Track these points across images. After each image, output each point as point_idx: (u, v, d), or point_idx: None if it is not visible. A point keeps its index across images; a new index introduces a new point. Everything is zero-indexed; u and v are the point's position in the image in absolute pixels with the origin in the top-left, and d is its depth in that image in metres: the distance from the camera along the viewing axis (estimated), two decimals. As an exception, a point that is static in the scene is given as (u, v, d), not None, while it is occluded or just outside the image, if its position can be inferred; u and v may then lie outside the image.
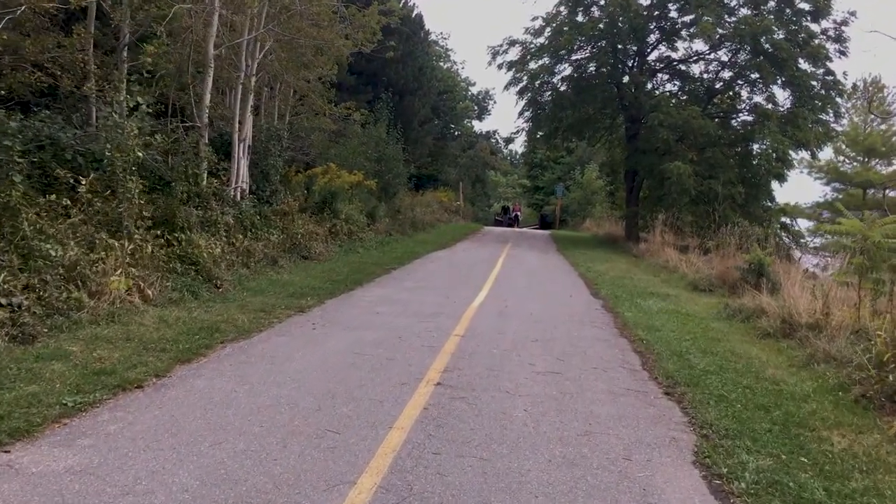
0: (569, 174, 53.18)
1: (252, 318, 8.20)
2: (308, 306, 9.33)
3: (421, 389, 5.67)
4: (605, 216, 39.18)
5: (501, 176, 74.62)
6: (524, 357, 7.16)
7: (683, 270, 16.95)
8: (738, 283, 14.45)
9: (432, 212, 33.96)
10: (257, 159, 17.54)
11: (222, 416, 4.73)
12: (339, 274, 12.73)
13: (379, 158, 25.27)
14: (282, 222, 14.61)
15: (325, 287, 11.05)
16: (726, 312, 10.94)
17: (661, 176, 24.76)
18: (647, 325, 9.46)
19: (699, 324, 9.93)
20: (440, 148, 48.76)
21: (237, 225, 12.69)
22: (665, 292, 13.56)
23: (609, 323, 9.74)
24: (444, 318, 9.11)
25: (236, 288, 10.21)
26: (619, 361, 7.29)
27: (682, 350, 7.83)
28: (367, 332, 7.88)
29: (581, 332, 8.89)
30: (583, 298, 12.25)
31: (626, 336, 8.78)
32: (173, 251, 10.13)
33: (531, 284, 13.86)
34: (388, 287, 11.92)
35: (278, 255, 13.18)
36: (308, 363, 6.31)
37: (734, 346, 8.39)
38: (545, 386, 6.07)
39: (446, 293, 11.50)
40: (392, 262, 15.66)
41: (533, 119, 31.40)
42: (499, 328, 8.71)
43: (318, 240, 15.94)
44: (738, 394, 6.06)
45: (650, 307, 11.19)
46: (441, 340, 7.69)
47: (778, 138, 24.35)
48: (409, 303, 10.28)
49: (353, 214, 19.83)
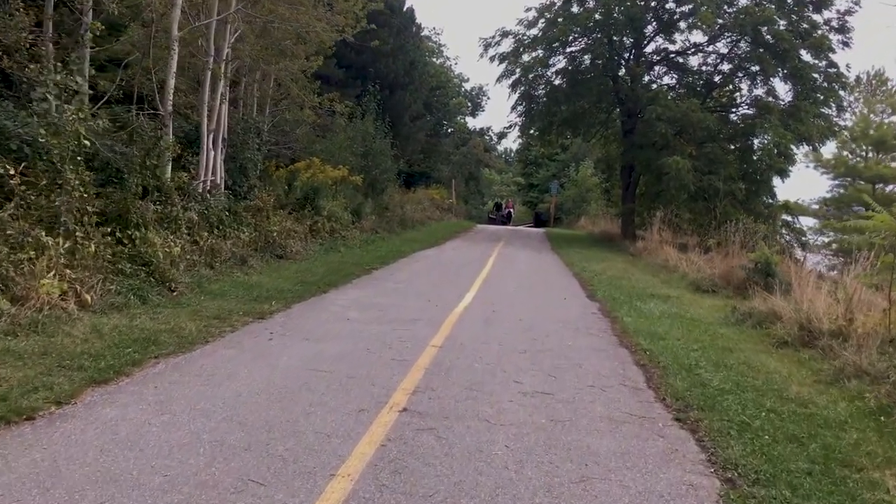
0: (563, 171, 52.23)
1: (202, 326, 7.19)
2: (270, 312, 8.32)
3: (382, 418, 4.68)
4: (601, 214, 38.26)
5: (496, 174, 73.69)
6: (510, 373, 6.17)
7: (684, 270, 15.99)
8: (744, 284, 13.52)
9: (423, 209, 32.97)
10: (234, 153, 16.60)
11: (120, 461, 3.72)
12: (313, 275, 11.72)
13: (366, 153, 24.23)
14: (254, 219, 13.58)
15: (295, 290, 10.04)
16: (735, 317, 9.97)
17: (658, 171, 23.83)
18: (649, 332, 8.48)
19: (706, 330, 8.95)
20: (433, 145, 47.79)
21: (202, 222, 11.67)
22: (666, 294, 12.59)
23: (607, 330, 8.76)
24: (422, 326, 8.12)
25: (194, 291, 9.19)
26: (619, 377, 6.30)
27: (690, 363, 6.85)
28: (332, 344, 6.88)
29: (576, 340, 7.90)
30: (578, 301, 11.26)
31: (627, 345, 7.79)
32: (124, 250, 9.12)
33: (522, 286, 12.87)
34: (366, 289, 10.91)
35: (248, 254, 12.15)
36: (251, 384, 5.30)
37: (749, 357, 7.41)
38: (533, 411, 5.08)
39: (429, 296, 10.50)
40: (374, 261, 14.66)
41: (526, 113, 30.44)
42: (483, 337, 7.72)
43: (295, 238, 14.92)
44: (763, 420, 5.08)
45: (651, 311, 10.22)
46: (415, 353, 6.69)
47: (779, 132, 23.43)
48: (387, 307, 9.29)
49: (336, 211, 18.83)
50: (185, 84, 14.88)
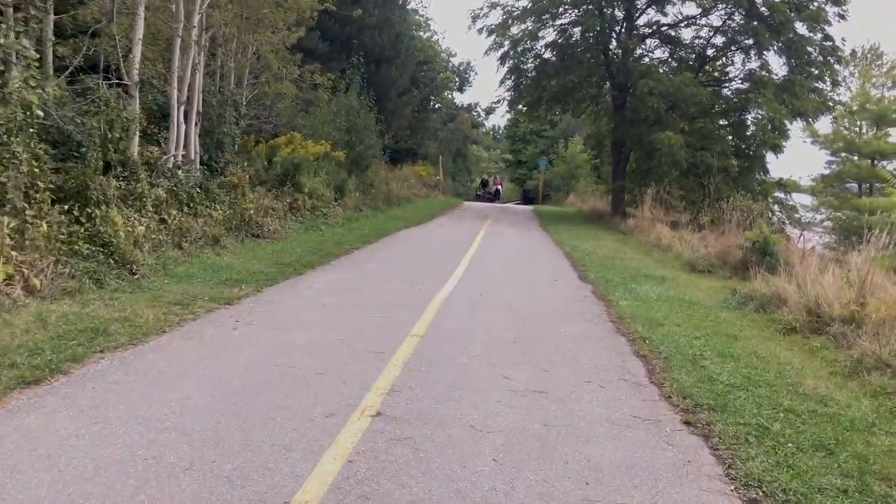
0: (552, 148, 51.49)
1: (161, 313, 6.54)
2: (239, 297, 7.68)
3: (352, 425, 4.07)
4: (590, 191, 37.65)
5: (484, 150, 72.88)
6: (498, 367, 5.58)
7: (678, 249, 15.45)
8: (742, 264, 13.00)
9: (409, 186, 32.26)
10: (210, 127, 15.85)
11: (32, 487, 3.10)
12: (290, 255, 11.06)
13: (349, 128, 23.43)
14: (229, 196, 12.87)
15: (269, 272, 9.39)
16: (735, 300, 9.42)
17: (650, 147, 23.23)
18: (646, 317, 7.91)
19: (707, 315, 8.40)
20: (420, 121, 46.88)
21: (171, 199, 10.95)
22: (661, 275, 12.03)
23: (602, 315, 8.18)
24: (403, 312, 7.50)
25: (158, 274, 8.53)
26: (618, 370, 5.73)
27: (694, 353, 6.28)
28: (302, 333, 6.25)
29: (569, 327, 7.32)
30: (569, 283, 10.68)
31: (624, 333, 7.22)
32: (81, 230, 8.43)
33: (511, 267, 12.27)
34: (345, 271, 10.28)
35: (221, 233, 11.46)
36: (205, 384, 4.67)
37: (756, 345, 6.85)
38: (524, 414, 4.49)
39: (412, 278, 9.89)
40: (356, 240, 14.01)
41: (515, 88, 29.70)
42: (469, 325, 7.12)
43: (273, 216, 14.24)
44: (782, 423, 4.51)
45: (647, 294, 9.65)
46: (394, 343, 6.09)
47: (774, 107, 22.89)
48: (366, 291, 8.66)
49: (318, 188, 18.11)
50: (156, 53, 14.08)
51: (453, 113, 54.24)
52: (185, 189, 11.47)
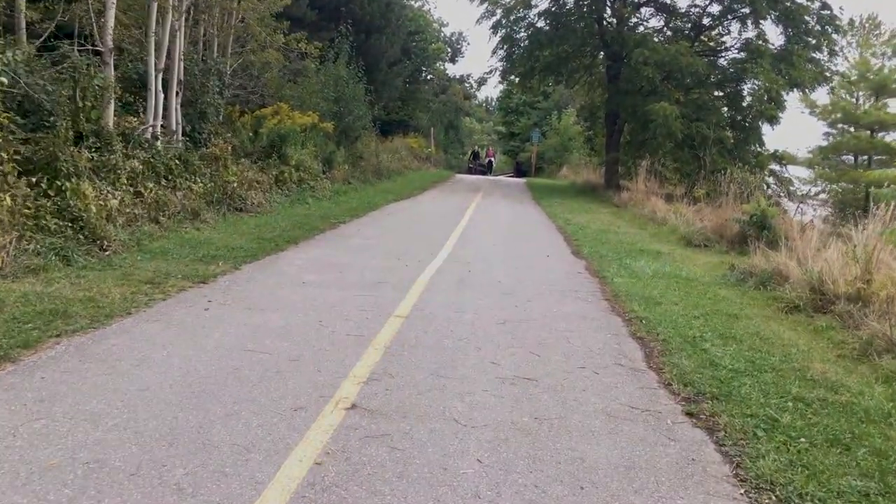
0: (545, 119, 50.82)
1: (129, 293, 6.14)
2: (215, 274, 7.28)
3: (323, 420, 3.71)
4: (583, 163, 37.19)
5: (476, 122, 72.19)
6: (486, 351, 5.22)
7: (673, 223, 15.09)
8: (739, 238, 12.67)
9: (400, 159, 31.77)
10: (193, 97, 15.36)
11: (-48, 499, 2.74)
12: (273, 230, 10.65)
13: (337, 99, 22.86)
14: (210, 168, 12.40)
15: (250, 247, 8.99)
16: (734, 276, 9.08)
17: (644, 118, 22.78)
18: (642, 295, 7.56)
19: (706, 292, 8.05)
20: (411, 92, 46.22)
21: (148, 171, 10.49)
22: (656, 249, 11.69)
23: (596, 292, 7.82)
24: (388, 290, 7.13)
25: (131, 249, 8.11)
26: (614, 354, 5.37)
27: (694, 334, 5.94)
28: (278, 315, 5.87)
29: (562, 307, 6.95)
30: (562, 259, 10.31)
31: (619, 312, 6.87)
32: (49, 204, 7.99)
33: (502, 242, 11.89)
34: (329, 247, 9.87)
35: (201, 207, 11.03)
36: (166, 372, 4.29)
37: (758, 325, 6.51)
38: (513, 405, 4.13)
39: (399, 254, 9.50)
40: (343, 214, 13.59)
41: (507, 58, 29.05)
42: (457, 304, 6.74)
43: (258, 189, 13.80)
44: (792, 413, 4.17)
45: (643, 270, 9.30)
46: (376, 325, 5.72)
47: (770, 77, 22.41)
48: (350, 268, 8.27)
49: (305, 160, 17.63)
50: (133, 19, 13.51)
51: (445, 84, 53.50)
52: (163, 161, 11.01)
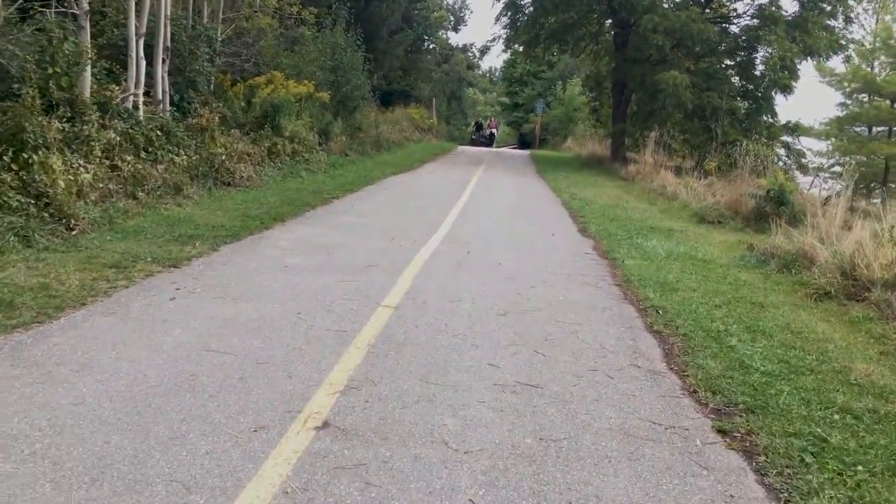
0: (550, 90, 49.80)
1: (90, 279, 5.52)
2: (189, 257, 6.65)
3: (286, 444, 3.09)
4: (589, 135, 36.33)
5: (480, 93, 71.14)
6: (484, 350, 4.59)
7: (684, 197, 14.41)
8: (755, 215, 12.02)
9: (401, 130, 30.97)
10: (181, 65, 14.65)
11: None
12: (261, 206, 10.00)
13: (334, 67, 22.04)
14: (195, 140, 11.71)
15: (232, 226, 8.34)
16: (754, 257, 8.44)
17: (653, 88, 21.95)
18: (657, 280, 6.92)
19: (725, 277, 7.41)
20: (412, 61, 45.25)
21: (126, 143, 9.82)
22: (668, 226, 11.03)
23: (606, 277, 7.18)
24: (378, 275, 6.49)
25: (102, 228, 7.47)
26: (629, 352, 4.75)
27: (717, 328, 5.31)
28: (252, 305, 5.24)
29: (569, 294, 6.32)
30: (568, 238, 9.66)
31: (633, 300, 6.23)
32: (11, 178, 7.35)
33: (504, 219, 11.21)
34: (319, 224, 9.22)
35: (185, 181, 10.36)
36: (110, 380, 3.68)
37: (787, 316, 5.88)
38: (514, 422, 3.51)
39: (393, 234, 8.85)
40: (338, 189, 12.92)
41: (511, 25, 28.13)
42: (453, 291, 6.11)
43: (248, 162, 13.12)
44: (841, 430, 3.56)
45: (655, 250, 8.65)
46: (361, 318, 5.09)
47: (784, 45, 21.55)
48: (339, 249, 7.63)
49: (299, 132, 16.92)
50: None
51: (448, 53, 52.47)
52: (143, 132, 10.32)
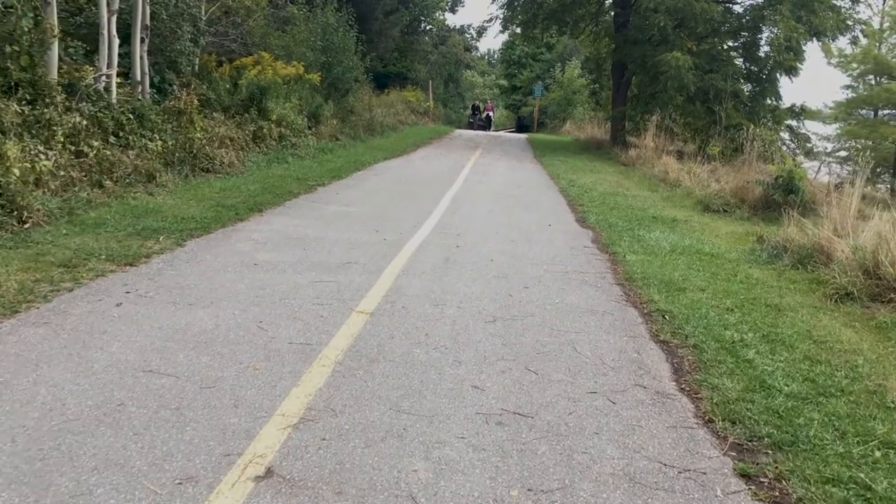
0: (548, 72, 48.99)
1: (32, 281, 4.93)
2: (149, 254, 6.05)
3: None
4: (588, 118, 35.63)
5: (478, 75, 70.26)
6: (468, 366, 4.02)
7: (687, 184, 13.82)
8: (762, 203, 11.43)
9: (396, 113, 30.26)
10: (162, 44, 14.02)
11: None
12: (239, 195, 9.40)
13: (325, 48, 21.32)
14: (172, 124, 11.07)
15: (205, 217, 7.74)
16: (765, 252, 7.85)
17: (654, 70, 21.30)
18: (661, 278, 6.34)
19: (735, 273, 6.83)
20: (409, 43, 44.46)
21: (94, 127, 9.20)
22: (671, 216, 10.44)
23: (606, 274, 6.60)
24: (356, 274, 5.90)
25: (60, 221, 6.87)
26: (633, 369, 4.17)
27: (731, 337, 4.73)
28: (209, 312, 4.65)
29: (566, 295, 5.74)
30: (566, 229, 9.06)
31: (636, 302, 5.65)
32: (-40, 168, 6.75)
33: (498, 208, 10.60)
34: (299, 215, 8.61)
35: (158, 168, 9.74)
36: (20, 411, 3.09)
37: (807, 322, 5.30)
38: (498, 465, 2.93)
39: (379, 225, 8.26)
40: (324, 175, 12.30)
41: (508, 5, 27.37)
42: (438, 293, 5.52)
43: (230, 147, 12.49)
44: (889, 474, 2.99)
45: (659, 243, 8.07)
46: (331, 327, 4.51)
47: (790, 25, 20.82)
48: (317, 243, 7.03)
49: (287, 115, 16.27)
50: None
51: (445, 35, 51.59)
52: (113, 115, 9.69)
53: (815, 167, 22.03)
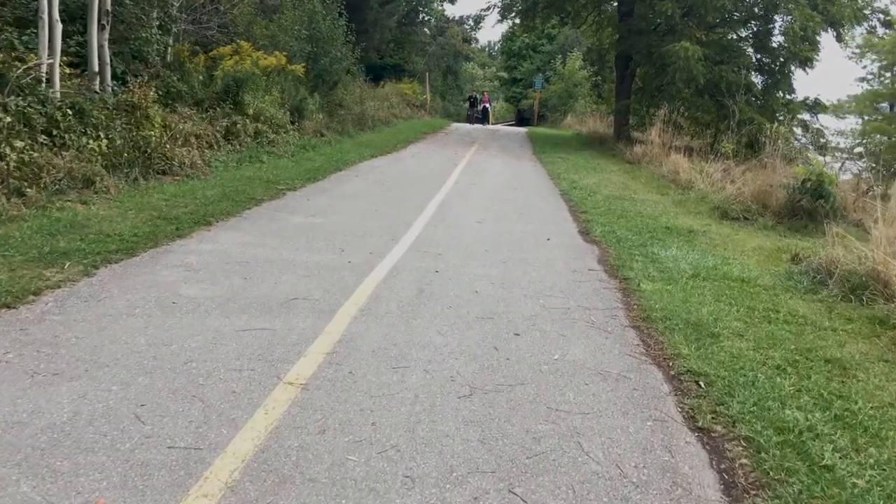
0: (549, 64, 47.64)
1: None
2: (41, 289, 4.76)
3: None
4: (589, 112, 34.35)
5: (479, 68, 68.98)
6: (424, 486, 2.73)
7: (700, 186, 12.52)
8: (787, 210, 10.17)
9: (390, 106, 28.93)
10: (127, 33, 12.82)
11: None
12: (190, 203, 8.11)
13: (311, 37, 19.99)
14: (122, 120, 9.75)
15: (137, 233, 6.46)
16: (804, 275, 6.57)
17: (660, 61, 20.03)
18: (687, 317, 5.06)
19: (776, 308, 5.53)
20: (406, 34, 43.18)
21: (18, 125, 7.91)
22: (687, 225, 9.16)
23: (617, 311, 5.31)
24: (300, 317, 4.62)
25: (-52, 243, 5.61)
26: (666, 487, 2.87)
27: (794, 420, 3.44)
28: (77, 387, 3.37)
29: (568, 347, 4.45)
30: (567, 244, 7.77)
31: (658, 358, 4.36)
32: None
33: (490, 217, 9.30)
34: (254, 229, 7.32)
35: (98, 171, 8.44)
36: None
37: (886, 388, 4.03)
38: None
39: (347, 241, 6.98)
40: (299, 177, 11.01)
41: (507, -8, 26.09)
42: (400, 348, 4.24)
43: (194, 145, 11.19)
44: None
45: (678, 264, 6.79)
46: (241, 412, 3.23)
47: (806, 13, 19.56)
48: (264, 269, 5.75)
49: (265, 109, 14.97)
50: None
51: (443, 26, 50.28)
52: (44, 111, 8.40)
53: (829, 164, 20.75)
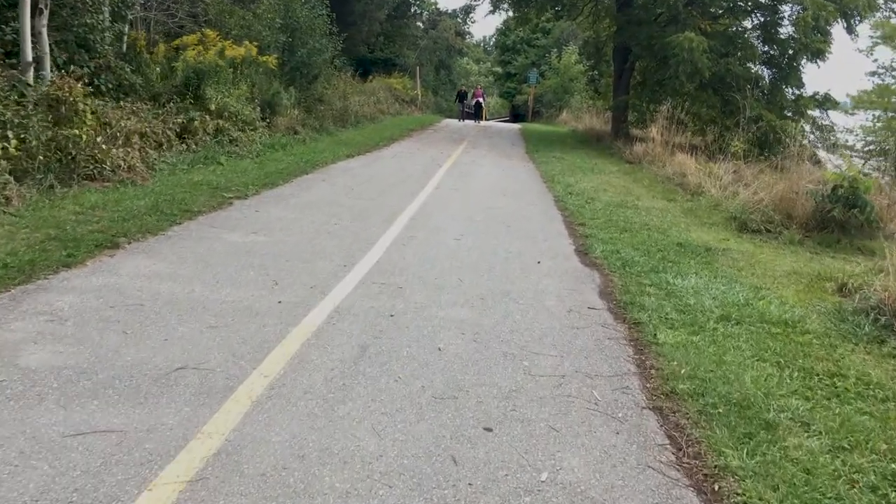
0: (544, 58, 46.20)
1: None
2: None
3: None
4: (585, 107, 32.93)
5: (473, 63, 67.69)
6: None
7: (711, 192, 11.13)
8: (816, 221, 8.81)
9: (376, 102, 27.54)
10: (71, 18, 11.44)
11: None
12: (106, 216, 6.68)
13: (286, 27, 18.52)
14: (39, 116, 8.32)
15: (16, 261, 5.04)
16: (862, 315, 5.19)
17: (662, 54, 18.68)
18: (729, 395, 3.67)
19: (842, 372, 4.13)
20: (397, 27, 41.77)
21: None
22: (702, 241, 7.78)
23: (630, 384, 3.89)
24: (174, 407, 3.19)
25: None
26: None
27: None
28: None
29: (562, 455, 3.04)
30: (562, 269, 6.36)
31: (696, 475, 2.96)
32: None
33: (471, 231, 7.88)
34: (172, 253, 5.88)
35: (4, 179, 7.04)
36: None
37: None
38: None
39: (285, 268, 5.57)
40: (256, 182, 9.59)
41: (499, -18, 24.65)
42: (307, 465, 2.82)
43: (136, 146, 9.76)
44: None
45: (700, 300, 5.39)
46: None
47: (819, 2, 18.21)
48: (160, 313, 4.33)
49: (229, 104, 13.53)
50: None
51: (436, 19, 48.87)
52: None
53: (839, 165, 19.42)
